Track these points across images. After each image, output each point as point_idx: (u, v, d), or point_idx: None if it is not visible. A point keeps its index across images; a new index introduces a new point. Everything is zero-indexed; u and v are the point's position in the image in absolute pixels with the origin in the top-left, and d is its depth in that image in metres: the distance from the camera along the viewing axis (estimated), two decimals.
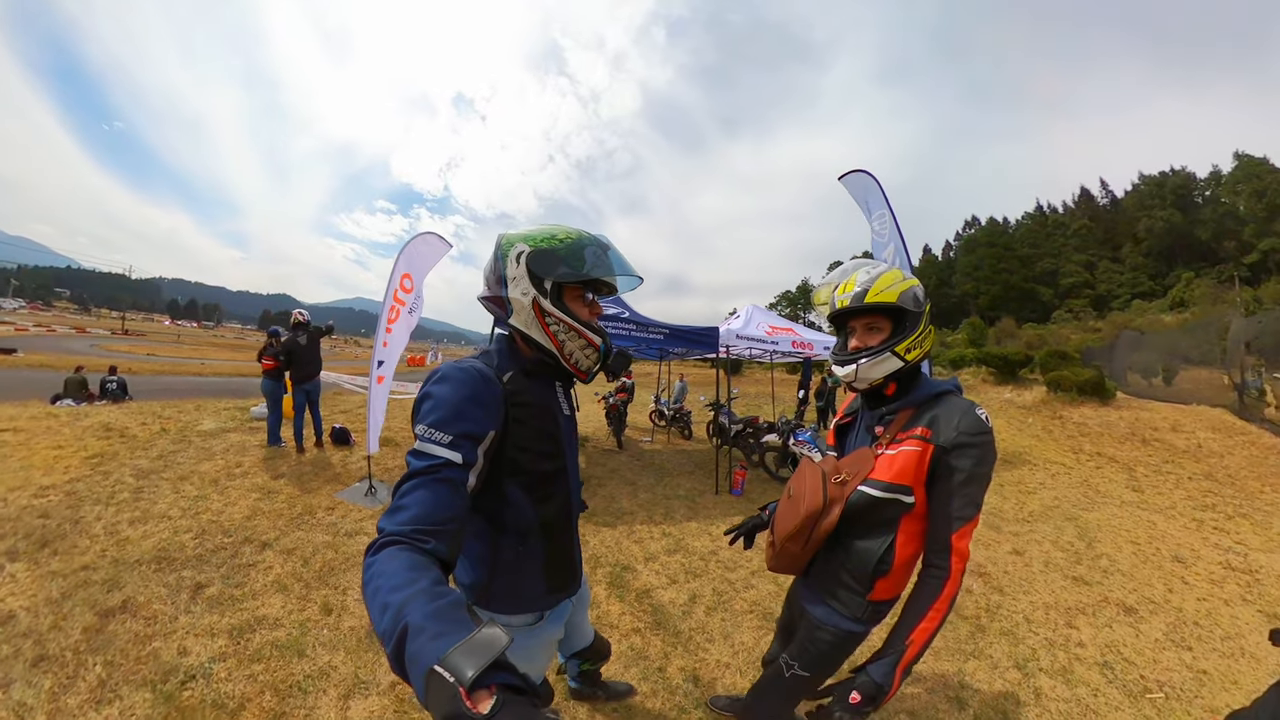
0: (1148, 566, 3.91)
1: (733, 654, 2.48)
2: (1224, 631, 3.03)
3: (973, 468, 1.10)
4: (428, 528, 0.78)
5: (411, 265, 4.58)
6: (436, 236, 4.92)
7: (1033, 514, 5.03)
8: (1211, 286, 34.40)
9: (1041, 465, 7.00)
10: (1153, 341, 16.42)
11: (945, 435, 1.12)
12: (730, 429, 6.30)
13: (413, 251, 4.58)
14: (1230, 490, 5.96)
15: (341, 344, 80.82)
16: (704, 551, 3.69)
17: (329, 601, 2.69)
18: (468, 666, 0.50)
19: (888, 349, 1.19)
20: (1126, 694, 2.39)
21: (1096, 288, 49.54)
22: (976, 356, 18.05)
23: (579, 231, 1.11)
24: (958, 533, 1.09)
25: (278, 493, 4.14)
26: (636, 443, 7.96)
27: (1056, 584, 3.54)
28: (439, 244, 4.97)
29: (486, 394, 0.98)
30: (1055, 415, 9.44)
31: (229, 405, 7.63)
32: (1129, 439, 7.96)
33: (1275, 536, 4.63)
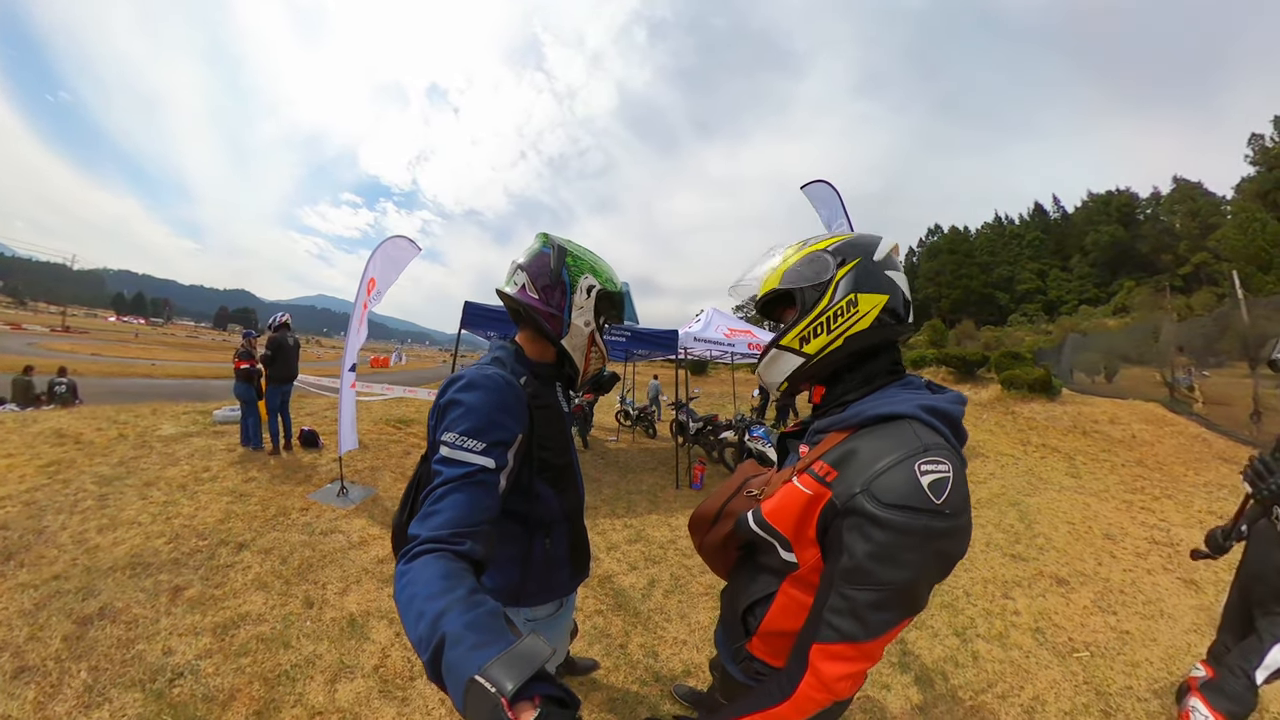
0: (1080, 543, 4.27)
1: (689, 632, 2.68)
2: (1146, 597, 3.38)
3: (866, 559, 0.69)
4: (463, 530, 0.78)
5: (380, 270, 4.59)
6: (406, 240, 4.95)
7: (980, 501, 5.41)
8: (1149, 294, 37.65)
9: (993, 457, 7.46)
10: (1096, 343, 17.71)
11: (845, 486, 0.73)
12: (691, 427, 6.51)
13: (382, 256, 4.61)
14: (1158, 475, 6.52)
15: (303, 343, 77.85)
16: (663, 540, 3.92)
17: (310, 596, 2.77)
18: (510, 678, 0.50)
19: (772, 345, 0.92)
20: (1055, 654, 2.69)
21: (1048, 294, 53.14)
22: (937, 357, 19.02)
23: (617, 277, 1.24)
24: (821, 645, 0.73)
25: (249, 496, 4.14)
26: (603, 442, 8.13)
27: (996, 561, 3.83)
28: (409, 248, 5.00)
29: (514, 400, 1.00)
30: (1008, 411, 10.02)
31: (188, 409, 7.41)
32: (1071, 431, 8.55)
33: (1195, 514, 5.15)
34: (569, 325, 1.14)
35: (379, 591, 2.87)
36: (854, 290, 0.83)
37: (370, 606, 2.72)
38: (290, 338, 5.75)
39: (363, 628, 2.52)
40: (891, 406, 0.78)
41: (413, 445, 6.44)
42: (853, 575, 0.70)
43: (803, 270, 0.88)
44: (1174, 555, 4.09)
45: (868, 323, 0.83)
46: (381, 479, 4.94)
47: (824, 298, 0.84)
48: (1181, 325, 13.00)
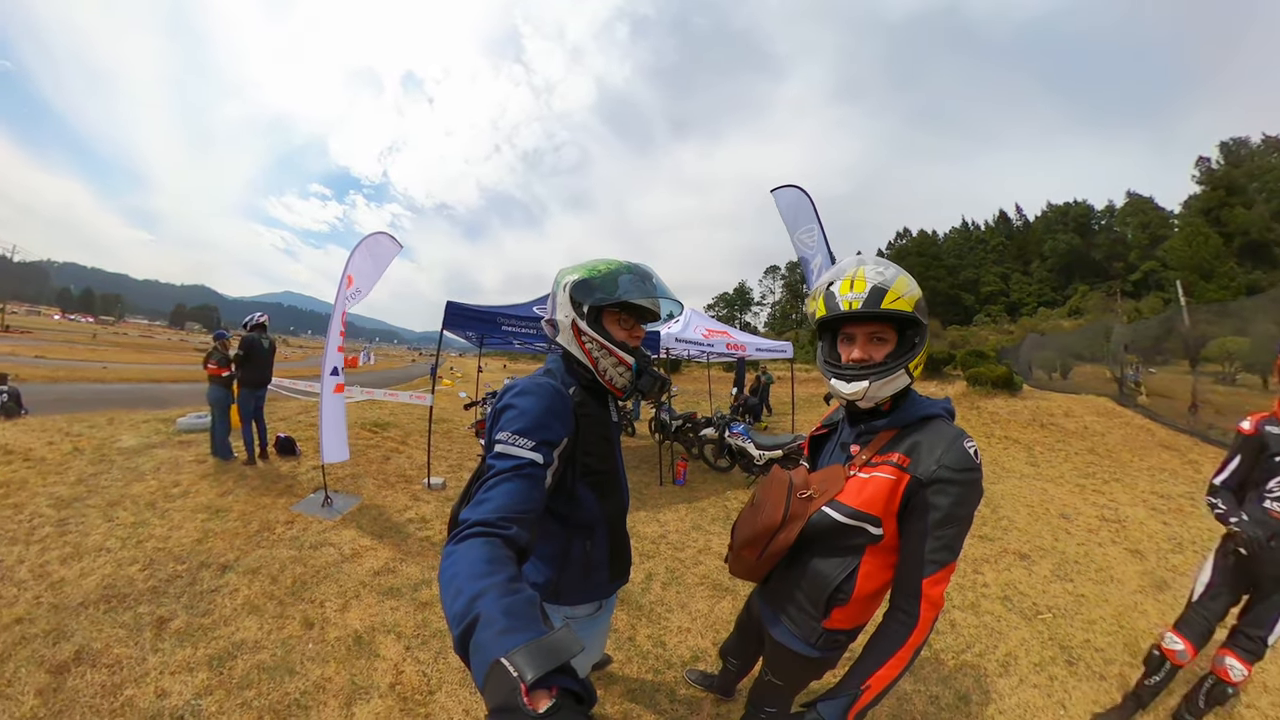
0: (1039, 523, 4.64)
1: (691, 620, 2.81)
2: (1097, 566, 3.77)
3: (951, 507, 0.99)
4: (511, 515, 0.85)
5: (360, 267, 4.46)
6: (389, 237, 4.84)
7: None
8: (1101, 299, 41.21)
9: None
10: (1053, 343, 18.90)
11: (924, 467, 1.01)
12: (671, 424, 6.65)
13: (363, 254, 4.48)
14: (1108, 461, 7.07)
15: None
16: (654, 536, 4.03)
17: (308, 616, 2.64)
18: (533, 667, 0.52)
19: (901, 366, 1.05)
20: (1022, 617, 3.04)
21: (1011, 296, 56.13)
22: None
23: (620, 262, 1.24)
24: (930, 578, 0.99)
25: (227, 511, 3.93)
26: None
27: (966, 542, 4.16)
28: (390, 245, 4.84)
29: (561, 406, 1.10)
30: (974, 406, 10.60)
31: (147, 417, 7.02)
32: (1031, 424, 9.13)
33: (1139, 494, 5.66)
34: (556, 324, 1.24)
35: (381, 605, 2.78)
36: None
37: (374, 621, 2.62)
38: (266, 339, 5.55)
39: (370, 645, 2.43)
40: (927, 410, 1.11)
41: (392, 450, 6.33)
42: (943, 522, 1.00)
43: (924, 308, 1.09)
44: (1121, 530, 4.51)
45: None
46: (364, 486, 4.84)
47: (926, 338, 1.11)
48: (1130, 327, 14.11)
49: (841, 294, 1.06)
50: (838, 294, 1.07)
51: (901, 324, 1.08)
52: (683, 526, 4.29)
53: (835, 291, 1.08)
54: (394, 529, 3.84)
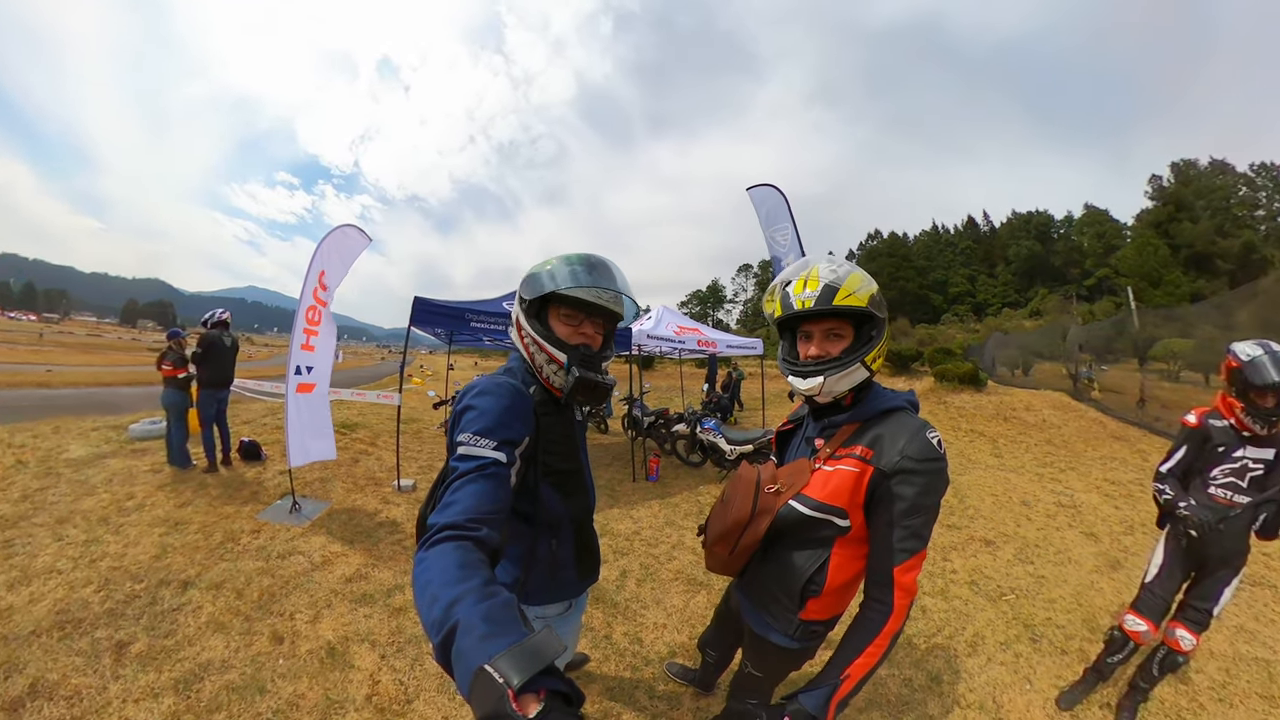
0: (1003, 510, 4.85)
1: (666, 616, 2.82)
2: (1056, 549, 3.97)
3: (916, 497, 1.01)
4: (479, 517, 0.84)
5: (328, 261, 4.28)
6: (356, 230, 4.66)
7: None
8: (1060, 301, 43.63)
9: None
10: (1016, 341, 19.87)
11: (887, 459, 1.03)
12: (643, 421, 6.66)
13: (330, 247, 4.30)
14: (1064, 451, 7.46)
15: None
16: (627, 533, 4.03)
17: (278, 630, 2.52)
18: (518, 671, 0.51)
19: (857, 359, 1.07)
20: (988, 599, 3.18)
21: (977, 297, 58.89)
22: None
23: (575, 254, 1.18)
24: (900, 566, 1.01)
25: (187, 523, 3.70)
26: None
27: (934, 531, 4.32)
28: (358, 238, 4.65)
29: (522, 405, 1.09)
30: (941, 401, 11.00)
31: (97, 424, 6.61)
32: (995, 417, 9.54)
33: (1093, 482, 6.00)
34: (511, 319, 1.23)
35: (354, 614, 2.68)
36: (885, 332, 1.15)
37: (347, 631, 2.53)
38: (228, 337, 5.23)
39: (344, 656, 2.34)
40: (890, 402, 1.13)
41: (361, 452, 6.15)
42: (909, 511, 1.02)
43: (880, 303, 1.10)
44: (1077, 515, 4.76)
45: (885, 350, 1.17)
46: (333, 490, 4.67)
47: (884, 331, 1.12)
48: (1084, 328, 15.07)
49: (795, 293, 1.09)
50: (792, 294, 1.09)
51: (858, 320, 1.10)
52: (656, 523, 4.30)
53: (790, 291, 1.10)
54: (365, 533, 3.73)
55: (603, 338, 1.23)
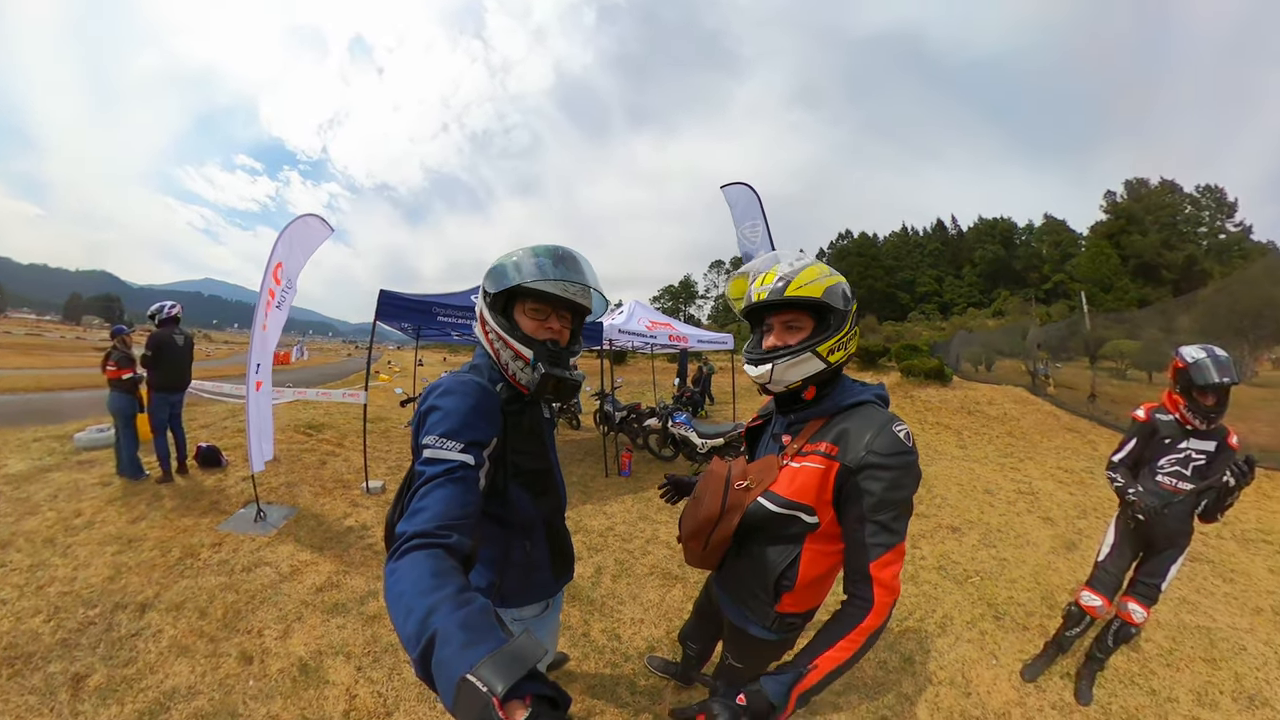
0: (967, 499, 5.07)
1: (643, 611, 2.82)
2: (1016, 533, 4.17)
3: (884, 492, 0.99)
4: (449, 523, 0.82)
5: (289, 252, 4.06)
6: (318, 219, 4.43)
7: None
8: (1020, 303, 47.58)
9: None
10: (980, 339, 20.82)
11: (853, 455, 1.02)
12: (615, 416, 6.67)
13: (291, 237, 4.09)
14: (1023, 443, 7.87)
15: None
16: (601, 529, 4.01)
17: (246, 649, 2.38)
18: (501, 677, 0.50)
19: (808, 349, 1.07)
20: (955, 582, 3.32)
21: (944, 296, 61.71)
22: None
23: (541, 245, 1.14)
24: (876, 561, 0.99)
25: (142, 540, 3.44)
26: None
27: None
28: (320, 228, 4.43)
29: (488, 404, 1.06)
30: (907, 395, 11.40)
31: (38, 434, 6.11)
32: (959, 411, 9.95)
33: (1049, 470, 6.36)
34: (477, 316, 1.19)
35: (326, 625, 2.56)
36: (854, 324, 1.14)
37: (320, 644, 2.41)
38: (180, 334, 4.79)
39: (318, 671, 2.24)
40: (856, 396, 1.13)
41: (328, 453, 5.94)
42: (878, 506, 1.00)
43: (839, 294, 1.09)
44: (1035, 501, 5.03)
45: (854, 347, 1.14)
46: (300, 495, 4.46)
47: (846, 323, 1.10)
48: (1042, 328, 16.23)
49: (756, 287, 1.12)
50: (754, 288, 1.12)
51: (818, 312, 1.09)
52: (630, 517, 4.29)
53: (753, 286, 1.13)
54: (334, 539, 3.59)
55: (570, 332, 1.20)
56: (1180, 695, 2.32)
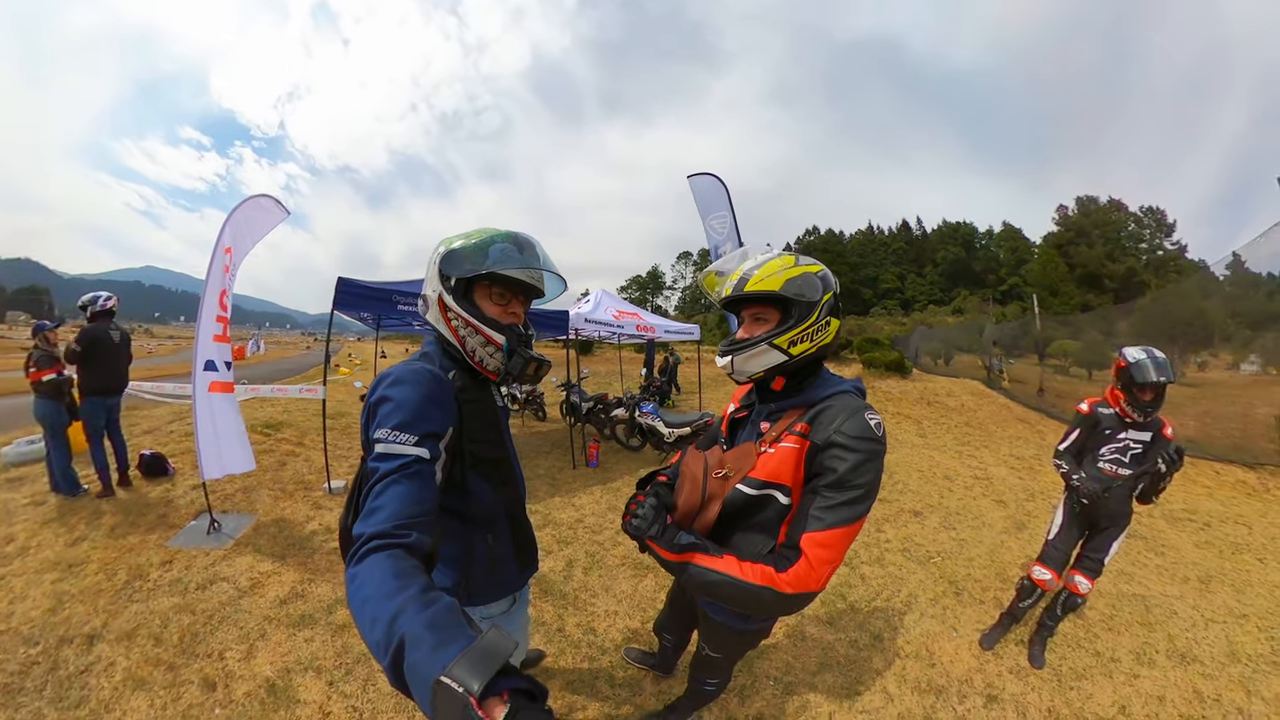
0: (928, 485, 5.32)
1: (616, 603, 2.83)
2: (973, 516, 4.42)
3: (845, 472, 0.98)
4: (406, 521, 0.80)
5: (237, 236, 3.73)
6: (271, 200, 4.08)
7: None
8: (978, 302, 51.84)
9: None
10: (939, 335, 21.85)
11: (823, 434, 1.03)
12: (582, 407, 6.62)
13: (241, 219, 3.77)
14: (979, 432, 8.33)
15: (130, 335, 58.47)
16: (570, 521, 3.99)
17: (208, 674, 2.22)
18: (475, 675, 0.50)
19: (764, 341, 1.10)
20: (918, 563, 3.49)
21: (906, 293, 64.69)
22: None
23: (498, 230, 1.13)
24: (811, 532, 0.97)
25: (84, 563, 3.15)
26: None
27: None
28: (274, 210, 4.08)
29: (441, 393, 1.02)
30: (869, 386, 11.76)
31: None
32: (919, 402, 10.42)
33: (1001, 457, 6.77)
34: (424, 299, 1.14)
35: (292, 640, 2.43)
36: (829, 315, 1.13)
37: (287, 661, 2.29)
38: (115, 330, 4.32)
39: (287, 690, 2.12)
40: (835, 388, 1.15)
41: (288, 454, 5.65)
42: (837, 484, 0.99)
43: (801, 286, 1.09)
44: (989, 486, 5.35)
45: (831, 338, 1.14)
46: (259, 500, 4.23)
47: (812, 314, 1.10)
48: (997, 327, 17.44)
49: (723, 282, 1.18)
50: (727, 281, 1.18)
51: (784, 305, 1.11)
52: (599, 509, 4.29)
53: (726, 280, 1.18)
54: (297, 545, 3.42)
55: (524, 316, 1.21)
56: (1121, 655, 2.53)
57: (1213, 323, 10.12)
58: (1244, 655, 2.58)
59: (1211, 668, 2.48)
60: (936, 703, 2.17)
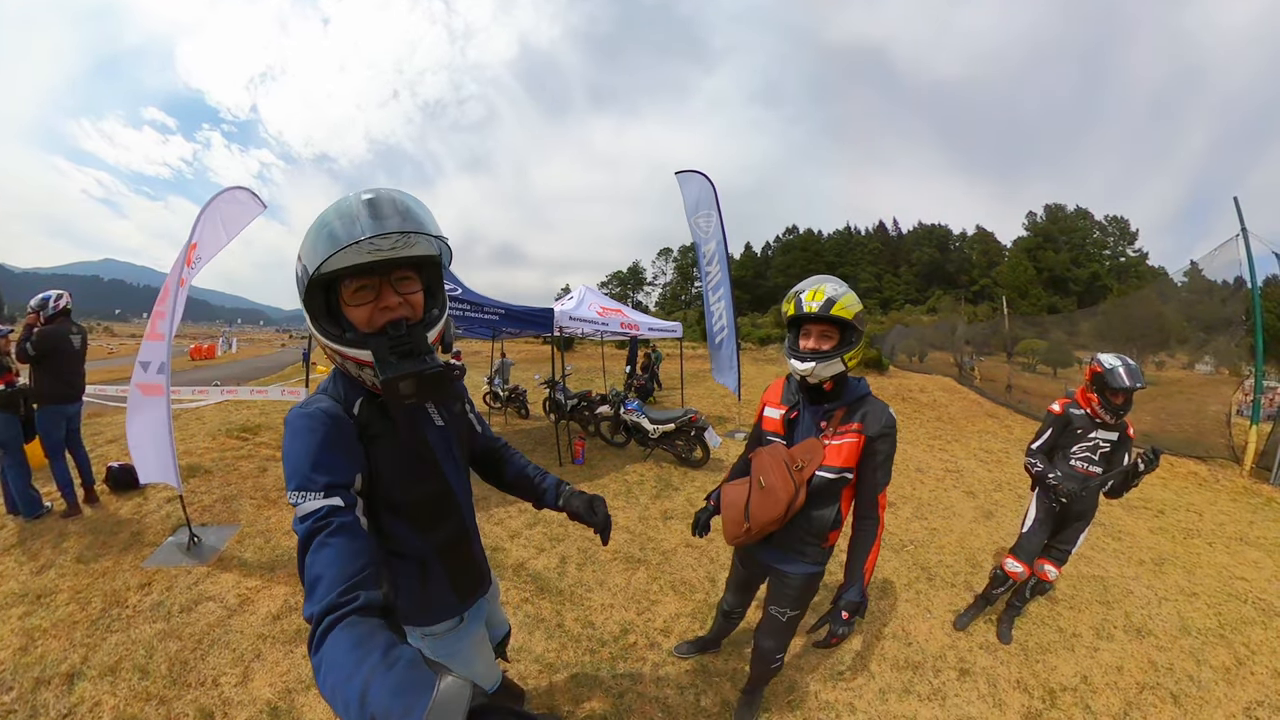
0: (900, 477, 5.52)
1: (612, 596, 2.89)
2: (944, 506, 4.58)
3: (887, 450, 1.50)
4: (349, 584, 0.75)
5: (209, 234, 3.53)
6: (247, 193, 3.86)
7: None
8: (952, 302, 53.28)
9: None
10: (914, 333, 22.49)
11: (872, 429, 1.48)
12: (566, 404, 6.60)
13: (215, 214, 3.54)
14: (950, 427, 8.62)
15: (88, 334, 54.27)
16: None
17: (203, 704, 2.09)
18: None
19: (838, 355, 1.43)
20: (893, 551, 3.64)
21: (883, 292, 66.42)
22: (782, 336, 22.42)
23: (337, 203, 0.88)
24: (881, 494, 1.52)
25: (54, 593, 2.87)
26: None
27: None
28: (250, 203, 3.85)
29: (338, 434, 0.90)
30: None
31: None
32: (895, 398, 10.70)
33: (971, 450, 7.04)
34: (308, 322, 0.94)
35: (290, 657, 2.34)
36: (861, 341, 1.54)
37: (287, 680, 2.19)
38: (75, 331, 3.92)
39: (290, 712, 2.02)
40: (860, 391, 1.56)
41: (268, 458, 5.44)
42: (886, 461, 1.51)
43: (861, 317, 1.47)
44: (960, 478, 5.58)
45: (861, 356, 1.54)
46: (241, 509, 4.01)
47: (861, 339, 1.50)
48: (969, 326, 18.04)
49: (806, 301, 1.46)
50: (804, 300, 1.46)
51: (844, 327, 1.46)
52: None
53: (802, 299, 1.47)
54: (285, 556, 3.28)
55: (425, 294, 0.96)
56: (1082, 631, 2.72)
57: (1170, 326, 10.67)
58: (1194, 629, 2.80)
59: (1165, 640, 2.68)
60: (914, 677, 2.31)
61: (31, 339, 3.66)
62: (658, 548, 3.51)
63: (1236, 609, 3.03)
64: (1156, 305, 11.49)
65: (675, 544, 3.57)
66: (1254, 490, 5.57)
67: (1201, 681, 2.36)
